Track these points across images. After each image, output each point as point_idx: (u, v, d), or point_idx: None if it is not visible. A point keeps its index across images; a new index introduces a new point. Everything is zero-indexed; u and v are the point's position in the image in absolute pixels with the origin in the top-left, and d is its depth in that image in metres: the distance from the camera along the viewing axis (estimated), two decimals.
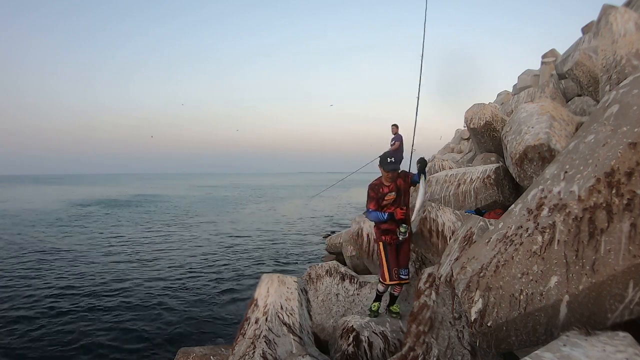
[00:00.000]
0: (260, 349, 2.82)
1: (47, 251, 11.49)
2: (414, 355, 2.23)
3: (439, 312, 2.27)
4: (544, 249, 1.49)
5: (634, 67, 3.75)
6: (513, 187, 4.76)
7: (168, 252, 11.57)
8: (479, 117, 6.37)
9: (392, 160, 3.41)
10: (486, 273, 1.68)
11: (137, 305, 6.92)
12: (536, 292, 1.46)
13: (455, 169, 6.72)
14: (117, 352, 5.23)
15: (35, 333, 5.75)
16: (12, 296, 7.34)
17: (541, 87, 9.46)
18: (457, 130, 21.89)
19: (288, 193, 44.54)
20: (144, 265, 9.90)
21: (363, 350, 2.95)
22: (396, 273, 3.43)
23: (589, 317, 1.32)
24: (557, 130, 4.17)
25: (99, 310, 6.65)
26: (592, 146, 1.54)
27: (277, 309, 3.11)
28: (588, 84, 6.30)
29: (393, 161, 3.41)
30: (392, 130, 9.55)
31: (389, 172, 3.37)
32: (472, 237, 2.43)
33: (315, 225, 17.76)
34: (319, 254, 11.03)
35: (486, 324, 1.61)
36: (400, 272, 3.46)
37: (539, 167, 3.92)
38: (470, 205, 4.92)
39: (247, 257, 10.91)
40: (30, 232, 15.22)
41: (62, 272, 9.13)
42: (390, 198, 3.44)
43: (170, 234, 14.98)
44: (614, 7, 7.17)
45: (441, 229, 3.88)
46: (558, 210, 1.50)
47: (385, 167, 3.38)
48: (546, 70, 12.66)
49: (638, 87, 1.54)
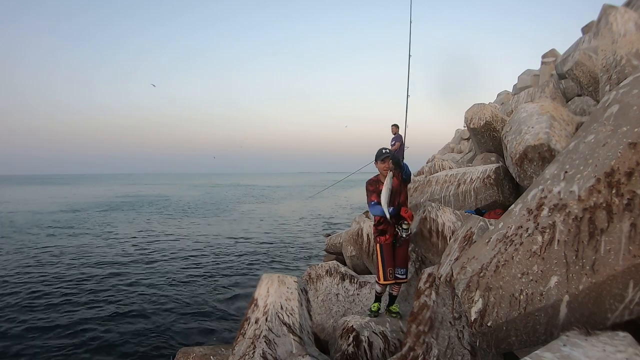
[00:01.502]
0: (260, 349, 2.82)
1: (45, 251, 11.50)
2: (414, 355, 2.23)
3: (439, 312, 2.27)
4: (544, 249, 1.49)
5: (634, 67, 3.75)
6: (513, 187, 4.76)
7: (167, 252, 11.56)
8: (479, 117, 6.37)
9: (386, 151, 3.45)
10: (486, 273, 1.68)
11: (137, 305, 6.92)
12: (536, 292, 1.46)
13: (455, 169, 6.72)
14: (117, 352, 5.23)
15: (35, 332, 5.75)
16: (11, 295, 7.34)
17: (541, 87, 9.46)
18: (457, 130, 21.89)
19: (288, 193, 44.55)
20: (143, 265, 9.90)
21: (363, 350, 2.95)
22: (391, 273, 3.43)
23: (589, 317, 1.32)
24: (557, 130, 4.17)
25: (98, 310, 6.64)
26: (592, 146, 1.54)
27: (277, 309, 3.11)
28: (588, 84, 6.30)
29: (388, 151, 3.45)
30: (392, 131, 9.52)
31: (384, 161, 3.39)
32: (472, 237, 2.43)
33: (315, 225, 17.76)
34: (319, 254, 11.02)
35: (486, 324, 1.61)
36: (396, 271, 3.45)
37: (539, 167, 3.91)
38: (470, 205, 4.92)
39: (247, 256, 10.91)
40: (27, 232, 15.24)
41: (61, 272, 9.13)
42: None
43: (169, 234, 14.98)
44: (614, 7, 7.16)
45: (441, 229, 3.88)
46: (558, 210, 1.50)
47: (379, 157, 3.42)
48: (546, 70, 12.66)
49: (638, 87, 1.54)
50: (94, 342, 5.46)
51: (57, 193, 42.67)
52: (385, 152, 3.45)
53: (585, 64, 6.24)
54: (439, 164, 8.38)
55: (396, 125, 9.52)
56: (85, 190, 49.91)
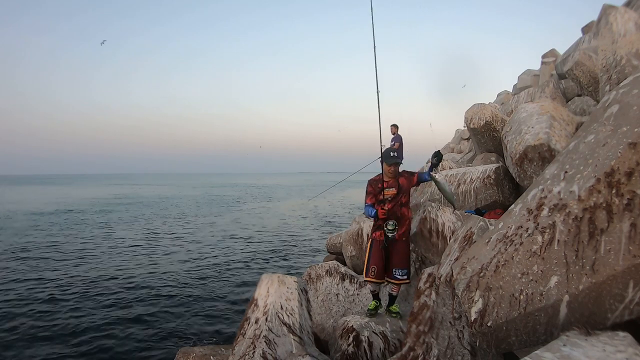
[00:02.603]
0: (260, 349, 2.82)
1: (44, 252, 11.49)
2: (414, 355, 2.23)
3: (439, 312, 2.27)
4: (544, 249, 1.49)
5: (634, 67, 3.75)
6: (513, 187, 4.76)
7: (167, 252, 11.57)
8: (479, 117, 6.37)
9: (394, 155, 3.45)
10: (486, 273, 1.68)
11: (137, 305, 6.92)
12: (536, 292, 1.46)
13: (455, 169, 6.72)
14: (117, 352, 5.24)
15: (34, 332, 5.75)
16: (10, 293, 7.34)
17: (541, 87, 9.46)
18: (457, 130, 21.87)
19: (288, 193, 44.55)
20: (142, 265, 9.90)
21: (363, 350, 2.95)
22: (374, 271, 3.41)
23: (589, 317, 1.32)
24: (557, 130, 4.16)
25: (98, 310, 6.65)
26: (592, 146, 1.54)
27: (277, 309, 3.11)
28: (588, 84, 6.30)
29: (396, 155, 3.45)
30: (391, 131, 9.51)
31: (391, 165, 3.39)
32: (472, 237, 2.43)
33: (315, 225, 17.76)
34: (319, 254, 11.02)
35: (486, 324, 1.60)
36: (394, 272, 3.41)
37: (539, 167, 3.91)
38: (470, 205, 4.92)
39: (247, 257, 10.91)
40: (26, 233, 15.23)
41: (59, 273, 9.13)
42: (390, 193, 3.43)
43: (169, 234, 14.98)
44: (614, 7, 7.16)
45: (441, 229, 3.88)
46: (558, 210, 1.50)
47: (388, 160, 3.40)
48: (546, 70, 12.66)
49: (638, 87, 1.54)
50: (94, 343, 5.46)
51: (57, 193, 42.67)
52: (393, 156, 3.44)
53: (585, 64, 6.23)
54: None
55: (395, 126, 9.51)
56: (85, 190, 49.90)
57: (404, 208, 3.47)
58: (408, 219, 3.50)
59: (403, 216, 3.45)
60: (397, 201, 3.42)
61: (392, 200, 3.42)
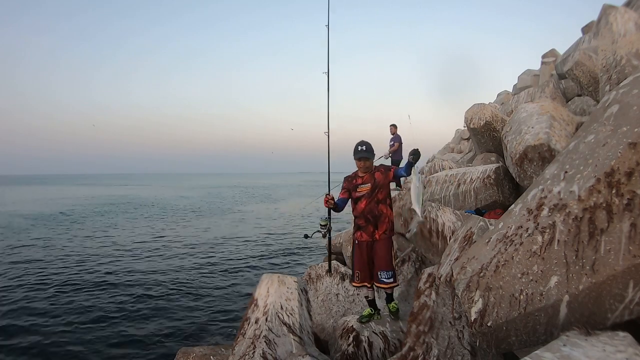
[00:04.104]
0: (260, 349, 2.82)
1: (44, 253, 11.49)
2: (414, 355, 2.23)
3: (439, 312, 2.27)
4: (544, 249, 1.49)
5: (634, 67, 3.75)
6: (513, 187, 4.76)
7: (167, 252, 11.56)
8: (479, 117, 6.37)
9: (362, 149, 3.20)
10: (486, 273, 1.68)
11: (137, 305, 6.93)
12: (536, 292, 1.46)
13: (455, 169, 6.72)
14: (118, 352, 5.24)
15: (33, 331, 5.75)
16: (9, 293, 7.34)
17: (541, 87, 9.46)
18: (457, 130, 21.87)
19: (288, 193, 44.53)
20: (142, 265, 9.90)
21: (363, 350, 2.95)
22: (358, 276, 3.26)
23: (589, 317, 1.32)
24: (557, 130, 4.16)
25: (98, 310, 6.65)
26: (592, 146, 1.54)
27: (277, 309, 3.11)
28: (588, 84, 6.30)
29: (364, 149, 3.21)
30: (390, 131, 9.48)
31: (360, 160, 3.19)
32: (472, 237, 2.43)
33: (315, 224, 17.75)
34: (319, 254, 11.02)
35: (486, 324, 1.61)
36: (380, 274, 3.18)
37: (539, 167, 3.91)
38: (470, 205, 4.92)
39: (247, 256, 10.91)
40: (25, 234, 15.23)
41: (60, 271, 9.13)
42: (364, 190, 3.22)
43: (169, 234, 14.98)
44: (614, 7, 7.16)
45: (441, 229, 3.87)
46: (558, 210, 1.50)
47: (355, 154, 3.21)
48: (546, 70, 12.66)
49: (638, 87, 1.54)
50: (93, 343, 5.46)
51: (57, 194, 42.66)
52: (360, 150, 3.18)
53: (585, 64, 6.23)
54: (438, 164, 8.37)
55: (394, 126, 9.47)
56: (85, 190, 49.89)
57: (382, 205, 3.20)
58: (387, 217, 3.22)
59: (381, 214, 3.19)
60: (372, 198, 3.20)
61: (368, 197, 3.21)
